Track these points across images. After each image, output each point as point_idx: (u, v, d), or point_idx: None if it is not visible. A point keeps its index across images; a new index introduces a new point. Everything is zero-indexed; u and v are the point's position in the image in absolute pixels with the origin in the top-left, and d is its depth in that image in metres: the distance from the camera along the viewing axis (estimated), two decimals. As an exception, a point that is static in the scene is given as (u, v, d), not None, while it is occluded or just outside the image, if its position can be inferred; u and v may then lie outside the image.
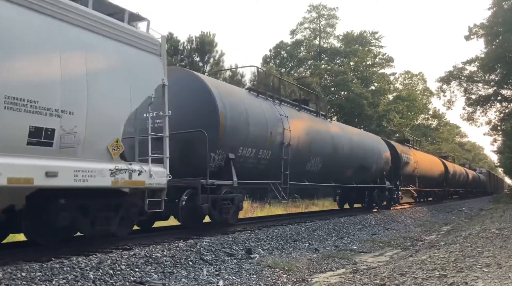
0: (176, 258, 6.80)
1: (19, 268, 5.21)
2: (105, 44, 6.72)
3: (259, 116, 10.68)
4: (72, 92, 6.06)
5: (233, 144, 9.71)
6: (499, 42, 28.53)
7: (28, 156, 5.51)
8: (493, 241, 8.03)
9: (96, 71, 6.43)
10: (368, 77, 50.56)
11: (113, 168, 6.59)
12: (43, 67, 5.80)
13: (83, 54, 6.30)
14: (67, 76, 5.99)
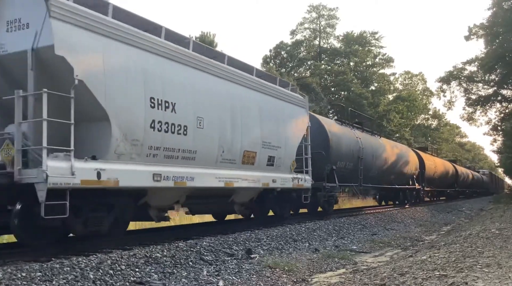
0: (176, 258, 6.81)
1: (19, 268, 5.21)
2: (287, 106, 11.64)
3: (346, 139, 15.44)
4: (281, 137, 11.11)
5: (335, 159, 14.39)
6: (499, 42, 28.52)
7: (265, 172, 10.49)
8: (493, 241, 8.03)
9: (286, 124, 11.49)
10: (368, 77, 50.60)
11: (292, 177, 11.53)
12: (274, 125, 10.87)
13: (286, 118, 11.49)
14: (280, 129, 11.11)
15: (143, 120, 7.10)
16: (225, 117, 9.07)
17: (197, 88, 8.35)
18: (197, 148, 8.21)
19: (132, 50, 7.08)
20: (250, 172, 9.85)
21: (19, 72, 6.23)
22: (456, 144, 79.39)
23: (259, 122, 10.22)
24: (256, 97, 10.27)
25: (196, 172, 8.14)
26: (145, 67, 7.26)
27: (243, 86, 9.83)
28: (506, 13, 27.15)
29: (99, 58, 6.51)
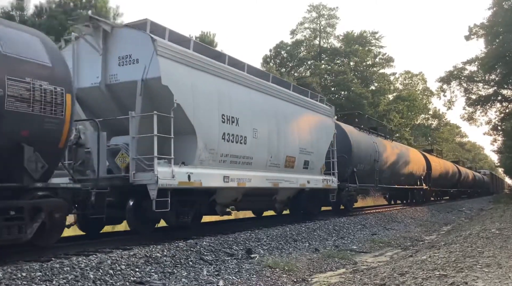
0: (176, 258, 6.81)
1: (19, 268, 5.21)
2: (317, 116, 13.44)
3: (364, 143, 16.90)
4: (314, 144, 12.82)
5: (356, 162, 15.80)
6: (499, 42, 28.50)
7: (302, 174, 12.16)
8: (493, 241, 8.03)
9: (317, 132, 13.17)
10: (368, 77, 50.59)
11: (322, 178, 13.21)
12: (308, 134, 12.66)
13: (317, 126, 13.20)
14: (313, 136, 12.87)
15: (217, 133, 8.90)
16: (272, 127, 10.80)
17: (253, 104, 10.21)
18: (253, 154, 10.02)
19: (210, 77, 8.91)
20: (291, 175, 11.60)
21: (127, 97, 7.95)
22: (456, 144, 79.37)
23: (297, 131, 12.04)
24: (294, 109, 12.10)
25: (252, 175, 9.91)
26: (218, 89, 9.07)
27: (284, 101, 11.67)
28: (506, 13, 27.13)
29: (189, 85, 8.30)
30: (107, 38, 8.19)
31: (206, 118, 8.65)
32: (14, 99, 5.46)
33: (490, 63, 28.75)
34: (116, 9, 23.26)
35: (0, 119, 5.31)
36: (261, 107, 10.49)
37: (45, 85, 5.85)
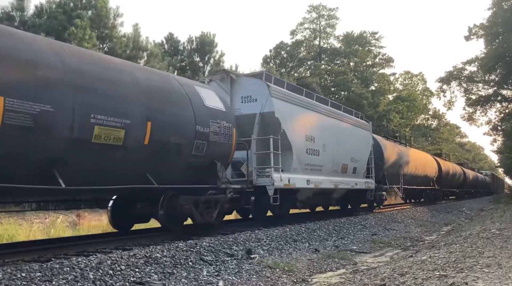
0: (176, 259, 6.80)
1: (19, 268, 5.21)
2: (360, 131, 16.46)
3: (391, 151, 20.24)
4: (359, 153, 15.77)
5: (386, 167, 18.98)
6: (499, 42, 28.50)
7: (351, 178, 15.09)
8: (494, 242, 8.03)
9: (361, 144, 16.22)
10: (368, 77, 50.59)
11: (365, 181, 16.23)
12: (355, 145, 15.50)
13: (360, 139, 16.20)
14: (358, 147, 15.83)
15: (304, 148, 12.13)
16: (334, 142, 13.98)
17: (322, 125, 13.43)
18: (323, 163, 13.17)
19: (298, 108, 12.25)
20: (345, 178, 14.66)
21: (247, 125, 10.89)
22: (456, 144, 79.35)
23: (348, 143, 14.95)
24: (345, 127, 15.25)
25: (322, 178, 13.00)
26: (303, 116, 12.40)
27: (339, 120, 14.91)
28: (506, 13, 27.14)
29: (289, 115, 11.54)
30: (233, 83, 11.50)
31: (297, 138, 11.81)
32: (213, 133, 8.70)
33: (490, 63, 28.76)
34: (116, 10, 23.25)
35: (207, 147, 8.58)
36: (327, 127, 13.75)
37: (224, 123, 9.10)
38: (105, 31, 22.67)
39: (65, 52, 6.38)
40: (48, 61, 5.97)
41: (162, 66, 24.68)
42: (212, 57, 32.22)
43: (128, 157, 7.01)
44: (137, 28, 25.08)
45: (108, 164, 6.83)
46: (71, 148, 6.09)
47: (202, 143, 8.40)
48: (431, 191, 27.88)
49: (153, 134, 7.27)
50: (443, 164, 30.89)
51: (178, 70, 29.48)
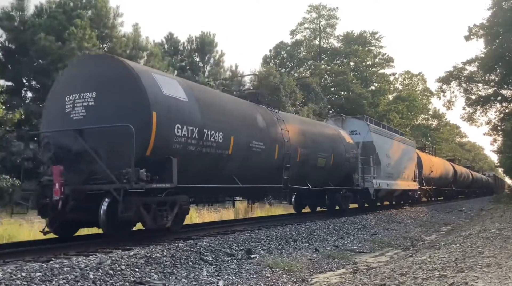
0: (176, 258, 6.80)
1: (19, 268, 5.21)
2: (410, 148, 22.81)
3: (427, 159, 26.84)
4: (409, 164, 22.29)
5: (424, 172, 25.55)
6: (499, 42, 28.49)
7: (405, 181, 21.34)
8: (493, 241, 8.03)
9: (411, 157, 22.70)
10: (368, 77, 50.59)
11: (413, 184, 22.46)
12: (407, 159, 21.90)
13: (410, 154, 22.66)
14: (409, 160, 22.30)
15: (386, 163, 18.24)
16: (398, 157, 20.21)
17: (393, 147, 19.86)
18: (393, 172, 19.33)
19: (383, 137, 18.84)
20: (403, 182, 20.80)
21: (353, 149, 15.67)
22: (456, 144, 79.35)
23: (406, 157, 21.56)
24: (403, 146, 21.54)
25: (393, 182, 19.22)
26: (385, 142, 18.92)
27: (400, 142, 21.24)
28: (506, 13, 27.13)
29: (379, 142, 17.78)
30: (344, 122, 17.89)
31: (383, 157, 18.14)
32: (351, 157, 14.95)
33: (490, 63, 28.75)
34: (116, 9, 23.24)
35: (349, 164, 14.72)
36: (395, 148, 20.10)
37: (354, 151, 15.37)
38: (105, 31, 22.66)
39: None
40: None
41: (162, 66, 24.67)
42: (212, 57, 32.26)
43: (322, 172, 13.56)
44: (137, 28, 25.10)
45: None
46: (241, 165, 9.74)
47: (347, 163, 14.83)
48: (449, 191, 34.08)
49: (334, 159, 13.95)
50: (457, 168, 37.13)
51: (178, 70, 29.48)
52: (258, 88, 22.06)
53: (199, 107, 8.47)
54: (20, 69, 20.49)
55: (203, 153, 8.42)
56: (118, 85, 7.44)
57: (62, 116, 7.81)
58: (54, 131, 7.88)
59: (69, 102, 7.77)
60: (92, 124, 7.39)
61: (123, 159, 7.01)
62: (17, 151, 17.39)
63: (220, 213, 18.76)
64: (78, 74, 7.95)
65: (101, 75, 7.63)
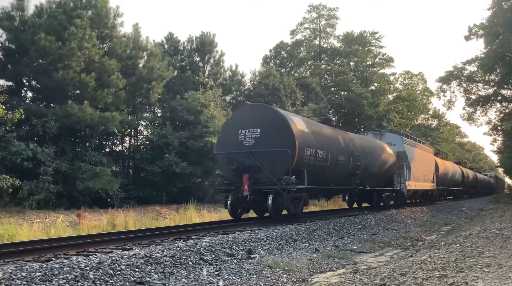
0: (176, 258, 6.80)
1: (19, 268, 5.21)
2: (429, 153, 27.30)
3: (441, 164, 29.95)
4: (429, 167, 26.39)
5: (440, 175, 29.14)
6: (499, 42, 28.46)
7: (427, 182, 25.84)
8: (494, 241, 8.02)
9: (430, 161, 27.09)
10: (368, 77, 50.54)
11: (432, 185, 26.88)
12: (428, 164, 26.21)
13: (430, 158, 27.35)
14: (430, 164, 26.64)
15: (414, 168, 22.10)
16: (421, 162, 23.81)
17: (418, 154, 23.48)
18: (418, 176, 22.99)
19: (412, 147, 22.89)
20: (425, 183, 24.82)
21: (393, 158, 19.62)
22: (456, 144, 79.33)
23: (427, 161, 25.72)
24: (425, 153, 25.67)
25: (419, 184, 23.27)
26: (413, 151, 22.81)
27: (422, 150, 25.15)
28: (506, 13, 27.11)
29: (409, 151, 21.87)
30: (382, 135, 21.64)
31: (412, 163, 21.53)
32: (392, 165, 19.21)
33: (490, 63, 28.72)
34: (116, 9, 23.19)
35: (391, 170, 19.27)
36: (418, 155, 23.62)
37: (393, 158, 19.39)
38: (105, 31, 22.64)
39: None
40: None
41: (162, 66, 24.66)
42: (212, 57, 32.21)
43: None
44: (137, 28, 25.08)
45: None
46: (332, 173, 13.92)
47: (389, 169, 18.82)
48: (458, 191, 38.24)
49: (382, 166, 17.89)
50: (464, 170, 41.12)
51: (178, 70, 29.47)
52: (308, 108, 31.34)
53: (313, 135, 12.87)
54: (20, 69, 20.47)
55: (316, 165, 12.70)
56: (275, 124, 11.88)
57: (237, 143, 12.12)
58: (234, 152, 12.09)
59: (242, 134, 12.13)
60: (258, 149, 11.78)
61: (279, 170, 11.46)
62: (17, 151, 17.39)
63: (220, 213, 18.78)
64: (247, 116, 12.48)
65: (263, 118, 12.14)
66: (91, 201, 19.66)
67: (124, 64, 23.20)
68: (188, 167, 22.93)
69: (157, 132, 24.46)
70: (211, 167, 24.34)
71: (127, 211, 15.88)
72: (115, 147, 27.34)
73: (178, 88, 28.11)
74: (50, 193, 17.97)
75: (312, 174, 12.29)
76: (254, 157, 11.64)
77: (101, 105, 21.25)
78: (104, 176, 20.05)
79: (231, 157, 12.08)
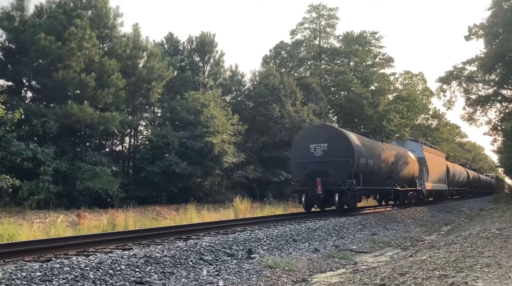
0: (176, 258, 6.80)
1: (19, 268, 5.21)
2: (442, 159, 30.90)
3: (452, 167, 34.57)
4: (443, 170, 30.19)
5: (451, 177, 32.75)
6: (499, 42, 28.46)
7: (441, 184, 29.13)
8: (493, 241, 8.02)
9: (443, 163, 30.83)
10: (368, 77, 50.49)
11: (444, 186, 30.00)
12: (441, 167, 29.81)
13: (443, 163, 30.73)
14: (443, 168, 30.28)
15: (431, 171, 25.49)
16: (435, 166, 27.15)
17: (433, 159, 26.90)
18: (434, 178, 26.70)
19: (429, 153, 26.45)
20: (440, 184, 28.01)
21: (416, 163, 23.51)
22: (456, 144, 79.30)
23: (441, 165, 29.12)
24: (438, 158, 28.96)
25: (435, 185, 26.68)
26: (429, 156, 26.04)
27: (435, 154, 28.38)
28: (506, 13, 27.11)
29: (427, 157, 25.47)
30: (404, 143, 25.80)
31: (430, 167, 24.90)
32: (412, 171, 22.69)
33: (490, 63, 28.72)
34: (116, 9, 23.19)
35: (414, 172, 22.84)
36: (433, 160, 26.41)
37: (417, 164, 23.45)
38: (105, 31, 22.63)
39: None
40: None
41: (162, 66, 24.67)
42: (212, 57, 32.20)
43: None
44: (137, 28, 25.07)
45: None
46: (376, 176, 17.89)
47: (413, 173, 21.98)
48: (463, 191, 41.24)
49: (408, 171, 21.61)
50: (469, 172, 44.75)
51: (178, 70, 29.46)
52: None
53: (364, 147, 16.58)
54: (20, 69, 20.47)
55: (367, 171, 16.32)
56: (338, 140, 15.64)
57: (309, 154, 15.82)
58: (307, 161, 15.73)
59: (312, 147, 15.80)
60: (326, 159, 15.48)
61: (343, 175, 15.13)
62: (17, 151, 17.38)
63: (220, 213, 18.78)
64: (316, 134, 16.23)
65: (329, 135, 16.00)
66: (91, 201, 19.67)
67: (124, 64, 23.20)
68: (188, 167, 22.92)
69: (157, 132, 24.46)
70: (211, 167, 24.33)
71: (127, 211, 15.88)
72: (115, 147, 27.37)
73: (178, 88, 28.11)
74: (50, 193, 17.97)
75: (364, 178, 15.90)
76: (323, 165, 15.32)
77: (101, 105, 21.25)
78: (104, 176, 20.04)
79: (304, 165, 15.72)
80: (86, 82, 20.00)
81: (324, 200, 15.62)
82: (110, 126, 21.18)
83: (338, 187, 15.03)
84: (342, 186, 14.95)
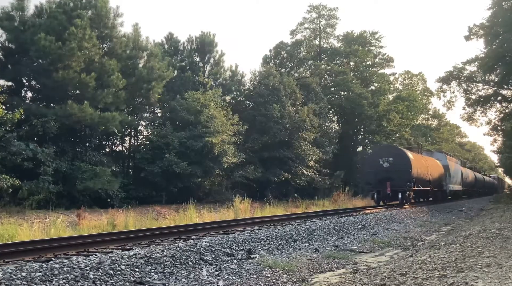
0: (176, 258, 6.80)
1: (19, 268, 5.21)
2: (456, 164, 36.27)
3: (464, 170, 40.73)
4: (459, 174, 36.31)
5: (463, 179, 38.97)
6: (499, 42, 28.49)
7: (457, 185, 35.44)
8: (493, 241, 8.02)
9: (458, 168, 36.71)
10: (368, 77, 50.48)
11: (460, 187, 36.52)
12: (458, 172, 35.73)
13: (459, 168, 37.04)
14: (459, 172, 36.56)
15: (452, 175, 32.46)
16: (456, 172, 34.05)
17: (452, 166, 32.90)
18: (455, 180, 33.63)
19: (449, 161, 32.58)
20: (457, 186, 34.39)
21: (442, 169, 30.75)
22: (456, 144, 79.31)
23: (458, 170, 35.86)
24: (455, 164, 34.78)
25: (454, 186, 33.11)
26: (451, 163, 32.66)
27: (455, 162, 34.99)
28: (506, 13, 27.13)
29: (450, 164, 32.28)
30: (432, 154, 32.64)
31: (451, 172, 31.54)
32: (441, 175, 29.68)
33: (490, 63, 28.74)
34: (116, 9, 23.18)
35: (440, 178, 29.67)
36: (455, 166, 33.42)
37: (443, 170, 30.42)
38: (105, 31, 22.62)
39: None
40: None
41: (162, 66, 24.66)
42: (212, 57, 32.20)
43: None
44: (137, 28, 25.05)
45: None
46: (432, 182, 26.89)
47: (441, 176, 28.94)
48: (472, 191, 45.49)
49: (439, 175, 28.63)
50: (477, 174, 49.85)
51: (178, 70, 29.45)
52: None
53: (415, 159, 22.98)
54: (20, 69, 20.46)
55: (418, 178, 22.96)
56: (400, 156, 22.41)
57: (379, 165, 22.40)
58: (378, 170, 22.21)
59: (382, 160, 22.43)
60: (392, 169, 22.06)
61: (403, 180, 21.80)
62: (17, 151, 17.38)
63: (220, 213, 18.78)
64: (384, 151, 23.40)
65: (393, 152, 22.87)
66: (91, 201, 19.66)
67: (124, 64, 23.18)
68: (188, 167, 22.92)
69: (157, 132, 24.45)
70: (211, 167, 24.32)
71: (127, 211, 15.87)
72: (115, 147, 27.36)
73: (178, 88, 28.10)
74: (50, 193, 17.96)
75: (417, 182, 22.89)
76: (390, 173, 21.88)
77: (101, 105, 21.24)
78: (104, 176, 20.04)
79: (376, 172, 22.21)
80: (86, 82, 19.99)
81: (390, 198, 22.52)
82: (110, 126, 21.18)
83: (401, 188, 21.89)
84: (404, 187, 21.83)
